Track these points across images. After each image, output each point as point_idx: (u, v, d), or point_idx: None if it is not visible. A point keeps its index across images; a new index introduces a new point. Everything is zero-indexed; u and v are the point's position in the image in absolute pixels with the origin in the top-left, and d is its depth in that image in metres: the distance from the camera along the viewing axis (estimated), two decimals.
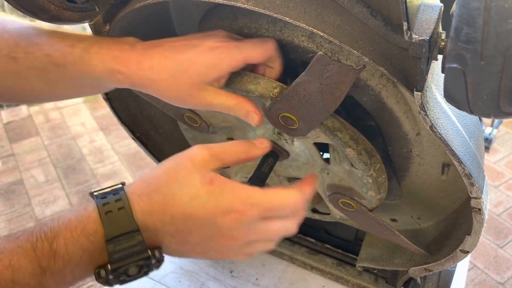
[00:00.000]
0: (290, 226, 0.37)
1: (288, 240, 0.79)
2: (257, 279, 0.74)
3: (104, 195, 0.31)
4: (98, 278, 0.31)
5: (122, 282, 0.32)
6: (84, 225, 0.30)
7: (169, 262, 0.79)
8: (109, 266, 0.30)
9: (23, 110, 2.39)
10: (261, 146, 0.41)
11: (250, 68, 0.42)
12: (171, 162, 0.34)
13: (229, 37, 0.41)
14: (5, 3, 0.41)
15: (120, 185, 0.33)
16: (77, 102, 2.47)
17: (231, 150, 0.37)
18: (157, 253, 0.32)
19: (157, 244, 0.33)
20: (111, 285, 0.32)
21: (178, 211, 0.32)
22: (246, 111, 0.41)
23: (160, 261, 0.33)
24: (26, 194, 1.80)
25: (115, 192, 0.32)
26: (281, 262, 0.78)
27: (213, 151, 0.35)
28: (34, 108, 2.40)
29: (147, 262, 0.32)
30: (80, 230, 0.30)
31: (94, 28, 0.43)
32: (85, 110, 2.39)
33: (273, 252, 0.79)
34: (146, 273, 0.33)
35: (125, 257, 0.31)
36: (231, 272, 0.76)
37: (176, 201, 0.32)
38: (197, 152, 0.35)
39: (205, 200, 0.32)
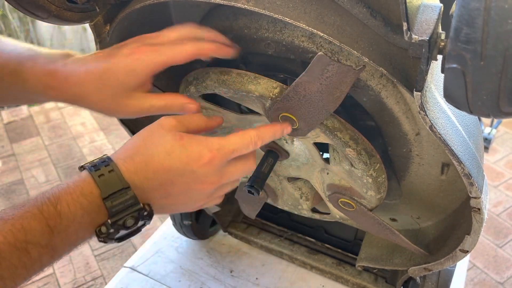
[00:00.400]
0: (251, 163, 0.44)
1: (288, 240, 0.79)
2: (257, 278, 0.75)
3: (93, 164, 0.36)
4: (100, 235, 0.36)
5: (119, 240, 0.37)
6: (81, 188, 0.35)
7: (169, 262, 0.79)
8: (109, 220, 0.35)
9: (24, 110, 2.39)
10: (217, 119, 0.45)
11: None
12: (145, 130, 0.39)
13: (148, 42, 0.43)
14: (5, 3, 0.41)
15: (105, 155, 0.37)
16: None
17: (193, 118, 0.42)
18: (147, 207, 0.37)
19: (146, 201, 0.38)
20: (111, 239, 0.36)
21: (158, 166, 0.37)
22: (180, 104, 0.44)
23: (150, 214, 0.37)
24: (26, 194, 1.80)
25: (102, 160, 0.36)
26: (281, 262, 0.78)
27: (178, 118, 0.40)
28: (35, 108, 2.40)
29: (141, 213, 0.36)
30: (78, 192, 0.34)
31: (95, 29, 0.43)
32: (86, 110, 2.39)
33: (273, 252, 0.79)
34: (140, 228, 0.38)
35: (122, 210, 0.35)
36: (231, 272, 0.76)
37: (155, 158, 0.37)
38: (165, 119, 0.40)
39: (179, 152, 0.38)
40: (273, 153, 0.51)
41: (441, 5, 0.34)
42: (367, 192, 0.48)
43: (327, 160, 0.50)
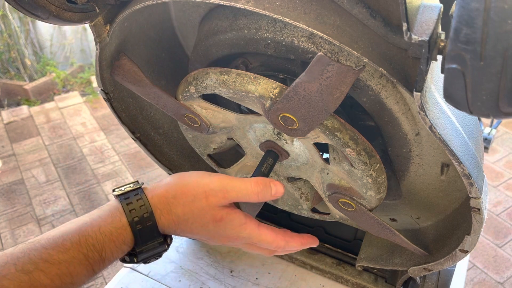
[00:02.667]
0: (266, 254, 0.49)
1: None
2: (257, 278, 0.75)
3: (133, 207, 0.39)
4: (122, 260, 0.40)
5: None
6: (124, 237, 0.38)
7: (169, 262, 0.79)
8: (135, 259, 0.40)
9: (24, 110, 2.39)
10: (275, 191, 0.47)
11: None
12: (191, 192, 0.41)
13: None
14: (5, 3, 0.41)
15: (145, 197, 0.40)
16: (78, 102, 2.47)
17: (244, 191, 0.44)
18: (169, 241, 0.42)
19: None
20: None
21: (188, 230, 0.42)
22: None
23: (169, 246, 0.42)
24: (26, 194, 1.80)
25: (142, 204, 0.40)
26: (281, 262, 0.78)
27: (228, 193, 0.42)
28: (35, 109, 2.40)
29: (163, 252, 0.42)
30: (121, 240, 0.38)
31: (95, 29, 0.44)
32: (86, 110, 2.39)
33: None
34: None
35: (149, 256, 0.41)
36: (231, 271, 0.76)
37: (188, 226, 0.41)
38: (213, 191, 0.42)
39: (210, 230, 0.42)
40: (273, 153, 0.51)
41: (441, 5, 0.34)
42: (367, 192, 0.48)
43: (327, 160, 0.50)
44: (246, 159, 0.58)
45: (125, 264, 0.79)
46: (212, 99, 0.50)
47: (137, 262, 0.40)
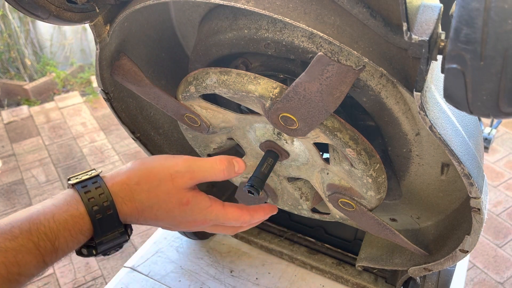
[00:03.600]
0: (230, 232, 0.49)
1: (288, 240, 0.79)
2: (257, 278, 0.75)
3: (91, 195, 0.37)
4: (78, 253, 0.38)
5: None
6: (80, 226, 0.36)
7: (169, 262, 0.79)
8: (94, 252, 0.37)
9: (24, 110, 2.39)
10: (237, 168, 0.47)
11: None
12: (156, 176, 0.40)
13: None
14: (5, 3, 0.41)
15: (104, 185, 0.38)
16: (78, 102, 2.47)
17: (211, 168, 0.43)
18: (129, 231, 0.40)
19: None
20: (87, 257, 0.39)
21: (152, 217, 0.40)
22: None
23: (129, 236, 0.40)
24: (26, 194, 1.80)
25: (101, 192, 0.37)
26: (281, 262, 0.78)
27: (194, 173, 0.41)
28: (35, 108, 2.40)
29: (124, 243, 0.40)
30: (78, 230, 0.36)
31: (95, 29, 0.43)
32: (86, 110, 2.39)
33: (273, 252, 0.79)
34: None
35: (110, 247, 0.38)
36: (231, 271, 0.76)
37: (153, 212, 0.39)
38: (179, 173, 0.40)
39: (176, 215, 0.41)
40: (273, 153, 0.51)
41: (441, 5, 0.34)
42: (367, 192, 0.48)
43: (327, 160, 0.50)
44: (246, 159, 0.58)
45: (125, 264, 0.79)
46: (212, 99, 0.50)
47: (96, 255, 0.37)
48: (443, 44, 0.31)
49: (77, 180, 0.38)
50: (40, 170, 1.94)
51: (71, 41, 2.72)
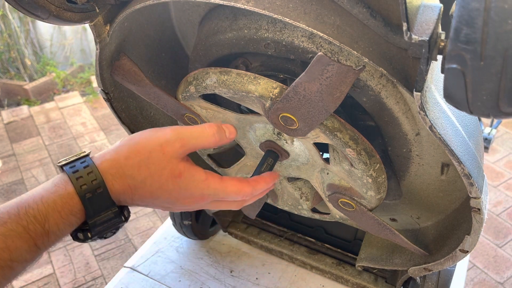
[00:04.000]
0: (235, 207, 0.46)
1: (288, 240, 0.79)
2: (257, 278, 0.75)
3: (80, 175, 0.35)
4: (75, 238, 0.36)
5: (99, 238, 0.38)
6: (71, 207, 0.34)
7: (169, 262, 0.79)
8: (89, 234, 0.36)
9: (24, 110, 2.39)
10: (229, 131, 0.45)
11: None
12: (146, 148, 0.37)
13: None
14: (5, 3, 0.41)
15: (93, 163, 0.36)
16: (78, 102, 2.47)
17: (201, 135, 0.41)
18: (126, 213, 0.38)
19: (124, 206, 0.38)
20: (84, 242, 0.37)
21: (146, 194, 0.37)
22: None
23: (127, 219, 0.38)
24: None
25: (89, 171, 0.35)
26: (281, 262, 0.78)
27: (184, 140, 0.39)
28: (35, 108, 2.40)
29: (121, 225, 0.38)
30: (68, 211, 0.34)
31: (95, 29, 0.43)
32: (86, 110, 2.39)
33: (273, 252, 0.79)
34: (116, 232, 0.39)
35: (105, 228, 0.36)
36: (231, 271, 0.76)
37: (146, 187, 0.37)
38: (169, 142, 0.38)
39: (171, 189, 0.38)
40: (273, 153, 0.51)
41: (441, 5, 0.34)
42: (367, 192, 0.48)
43: (327, 160, 0.50)
44: (246, 159, 0.58)
45: (125, 264, 0.79)
46: (212, 99, 0.50)
47: (92, 238, 0.36)
48: (443, 44, 0.31)
49: (66, 161, 0.36)
50: (40, 170, 1.94)
51: (71, 41, 2.72)
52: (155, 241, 0.84)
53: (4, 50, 2.51)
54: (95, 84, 2.59)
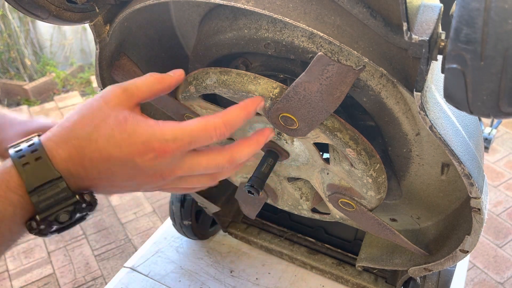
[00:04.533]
0: (220, 159, 0.36)
1: (288, 240, 0.79)
2: (257, 278, 0.75)
3: (19, 149, 0.31)
4: (31, 230, 0.31)
5: (59, 231, 0.32)
6: (7, 181, 0.30)
7: (169, 262, 0.79)
8: (37, 217, 0.30)
9: (24, 110, 2.39)
10: (175, 74, 0.38)
11: None
12: (86, 104, 0.33)
13: None
14: (5, 3, 0.41)
15: (36, 135, 0.32)
16: (77, 102, 2.47)
17: (144, 83, 0.36)
18: (87, 197, 0.32)
19: (86, 188, 0.32)
20: (45, 235, 0.31)
21: (96, 154, 0.31)
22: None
23: (92, 204, 0.32)
24: None
25: (30, 143, 0.31)
26: (281, 262, 0.78)
27: (124, 87, 0.34)
28: (35, 109, 2.40)
29: (78, 207, 0.31)
30: (5, 186, 0.29)
31: (95, 29, 0.43)
32: None
33: (273, 252, 0.79)
34: (81, 219, 0.33)
35: (52, 205, 0.30)
36: (231, 271, 0.76)
37: (93, 144, 0.31)
38: (110, 91, 0.34)
39: (119, 140, 0.31)
40: (273, 153, 0.51)
41: (441, 5, 0.34)
42: (367, 192, 0.48)
43: (327, 160, 0.50)
44: None
45: (125, 264, 0.79)
46: (212, 99, 0.50)
47: (43, 223, 0.30)
48: (443, 44, 0.31)
49: (13, 144, 0.32)
50: None
51: (71, 41, 2.72)
52: (155, 241, 0.84)
53: (4, 50, 2.51)
54: (95, 84, 2.59)
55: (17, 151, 0.30)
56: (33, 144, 0.30)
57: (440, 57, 0.32)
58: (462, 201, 0.52)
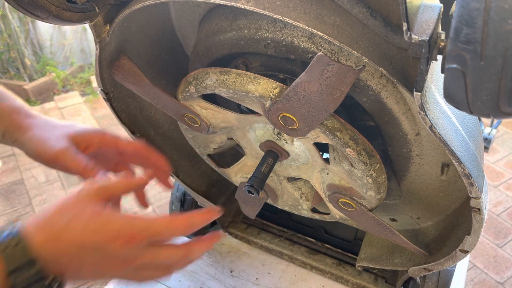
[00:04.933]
0: (177, 253, 0.39)
1: (288, 240, 0.79)
2: (257, 278, 0.75)
3: (1, 235, 0.34)
4: None
5: None
6: None
7: None
8: None
9: None
10: (143, 179, 0.44)
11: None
12: (66, 198, 0.38)
13: None
14: (5, 3, 0.41)
15: (17, 223, 0.35)
16: (77, 102, 2.47)
17: (114, 186, 0.40)
18: (58, 278, 0.35)
19: (58, 272, 0.35)
20: None
21: (71, 240, 0.35)
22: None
23: (62, 285, 0.35)
24: (26, 194, 1.80)
25: (10, 231, 0.34)
26: (281, 262, 0.78)
27: (97, 187, 0.39)
28: (35, 108, 2.40)
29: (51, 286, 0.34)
30: None
31: (94, 29, 0.43)
32: (86, 110, 2.39)
33: (273, 252, 0.79)
34: None
35: (26, 286, 0.33)
36: (231, 271, 0.76)
37: (68, 231, 0.35)
38: (85, 189, 0.39)
39: (95, 228, 0.36)
40: (273, 153, 0.51)
41: (441, 5, 0.34)
42: (367, 192, 0.48)
43: (327, 160, 0.50)
44: (246, 159, 0.58)
45: None
46: (212, 99, 0.50)
47: None
48: (443, 44, 0.31)
49: None
50: (40, 170, 1.94)
51: (71, 41, 2.72)
52: None
53: (4, 50, 2.51)
54: (95, 84, 2.59)
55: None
56: (12, 231, 0.33)
57: (440, 57, 0.32)
58: (462, 201, 0.52)
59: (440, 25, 0.33)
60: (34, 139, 0.47)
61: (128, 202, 0.61)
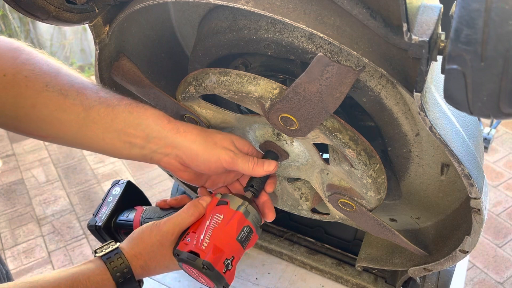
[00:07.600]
0: None
1: (288, 240, 0.79)
2: (257, 278, 0.74)
3: (114, 265, 0.46)
4: None
5: None
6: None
7: None
8: None
9: None
10: (204, 205, 0.50)
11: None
12: (156, 237, 0.48)
13: None
14: (6, 4, 0.41)
15: (121, 251, 0.47)
16: None
17: (187, 220, 0.49)
18: (141, 284, 0.49)
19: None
20: None
21: (156, 267, 0.49)
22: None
23: (140, 285, 0.49)
24: (27, 194, 1.80)
25: (118, 256, 0.47)
26: (281, 262, 0.78)
27: (178, 229, 0.48)
28: None
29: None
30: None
31: (94, 29, 0.43)
32: None
33: (273, 252, 0.79)
34: None
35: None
36: None
37: (156, 264, 0.49)
38: (168, 233, 0.48)
39: (172, 268, 0.50)
40: (273, 154, 0.51)
41: (441, 5, 0.34)
42: (366, 192, 0.48)
43: (326, 161, 0.50)
44: None
45: None
46: (212, 99, 0.50)
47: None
48: (443, 44, 0.31)
49: (102, 253, 0.47)
50: (40, 170, 1.94)
51: (71, 41, 2.72)
52: None
53: None
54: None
55: (116, 273, 0.45)
56: (126, 268, 0.46)
57: (440, 58, 0.31)
58: (461, 201, 0.52)
59: (440, 25, 0.33)
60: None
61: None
